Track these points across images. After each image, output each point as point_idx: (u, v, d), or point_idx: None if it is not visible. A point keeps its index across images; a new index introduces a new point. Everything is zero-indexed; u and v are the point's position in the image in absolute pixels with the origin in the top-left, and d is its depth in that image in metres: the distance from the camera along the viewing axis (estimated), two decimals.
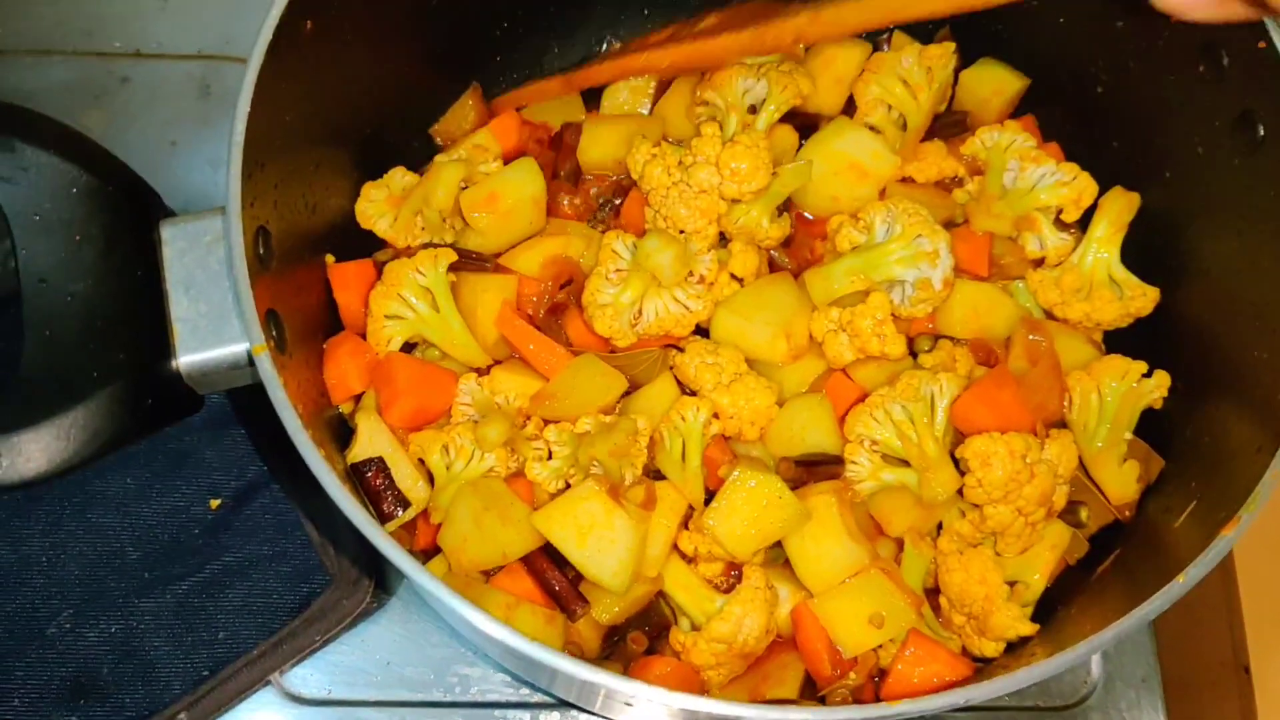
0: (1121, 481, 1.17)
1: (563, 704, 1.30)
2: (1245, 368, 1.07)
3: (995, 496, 1.10)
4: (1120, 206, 1.25)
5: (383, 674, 1.31)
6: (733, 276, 1.23)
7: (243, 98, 0.96)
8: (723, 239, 1.24)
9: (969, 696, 0.93)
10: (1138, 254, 1.26)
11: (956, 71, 1.36)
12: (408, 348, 1.19)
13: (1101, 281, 1.24)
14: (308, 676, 1.30)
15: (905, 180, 1.32)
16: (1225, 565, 1.42)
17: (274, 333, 0.95)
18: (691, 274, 1.18)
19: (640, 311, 1.18)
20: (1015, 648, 1.12)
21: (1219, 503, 0.99)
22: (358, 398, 1.15)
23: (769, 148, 1.21)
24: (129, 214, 0.94)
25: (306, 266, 1.17)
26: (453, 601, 0.85)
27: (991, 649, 1.12)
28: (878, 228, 1.22)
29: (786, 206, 1.27)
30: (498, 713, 1.31)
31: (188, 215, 0.97)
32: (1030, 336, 1.19)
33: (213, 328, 0.94)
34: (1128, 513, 1.18)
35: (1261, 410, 1.01)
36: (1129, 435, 1.19)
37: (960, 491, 1.12)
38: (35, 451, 0.84)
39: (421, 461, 1.12)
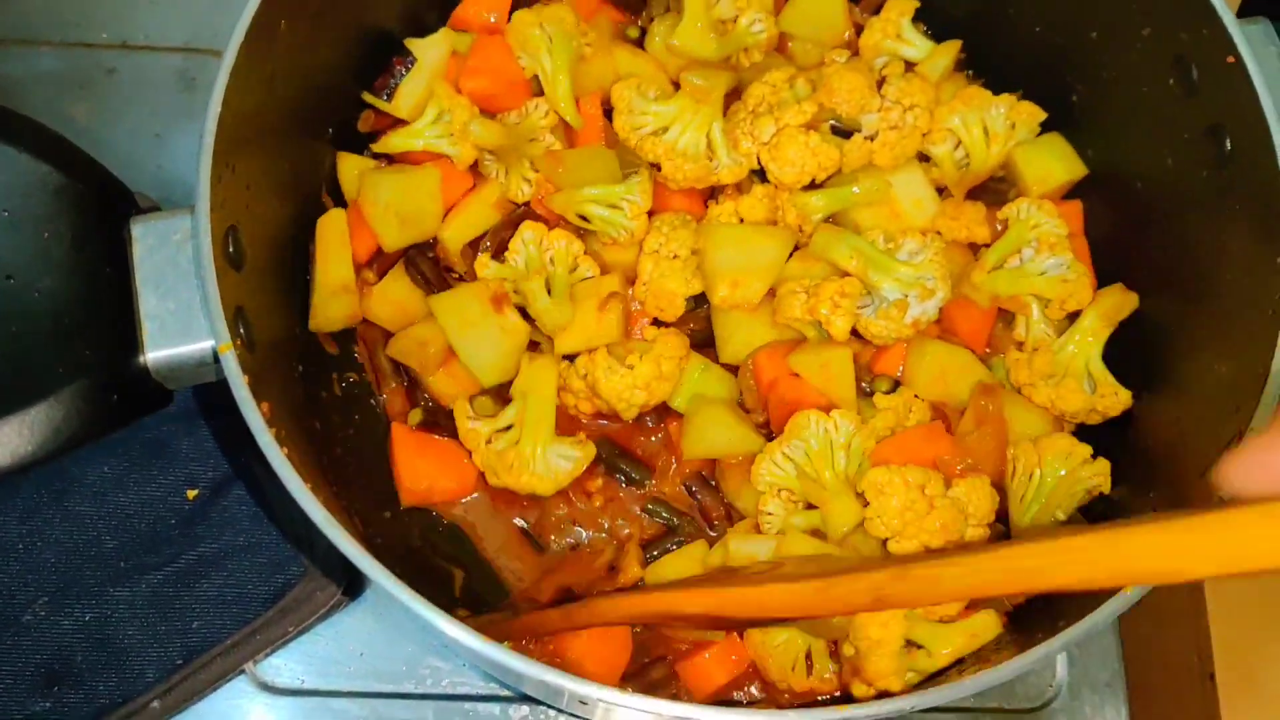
0: None
1: (531, 699, 1.32)
2: (1202, 378, 1.07)
3: (895, 528, 1.10)
4: (1114, 303, 1.24)
5: (356, 665, 1.33)
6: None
7: (214, 98, 0.97)
8: None
9: (933, 699, 0.94)
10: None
11: None
12: None
13: (1076, 373, 1.22)
14: (281, 666, 1.31)
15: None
16: None
17: (242, 330, 0.96)
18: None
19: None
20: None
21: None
22: None
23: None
24: (99, 211, 0.95)
25: (279, 265, 1.18)
26: (416, 606, 0.86)
27: (859, 690, 1.11)
28: (906, 246, 1.24)
29: None
30: (468, 705, 1.32)
31: (157, 214, 0.98)
32: (981, 400, 1.20)
33: (181, 325, 0.95)
34: None
35: (1217, 424, 1.02)
36: (1061, 516, 1.17)
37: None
38: (1, 445, 0.85)
39: None
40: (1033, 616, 1.13)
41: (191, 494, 1.32)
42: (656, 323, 1.27)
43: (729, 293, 1.21)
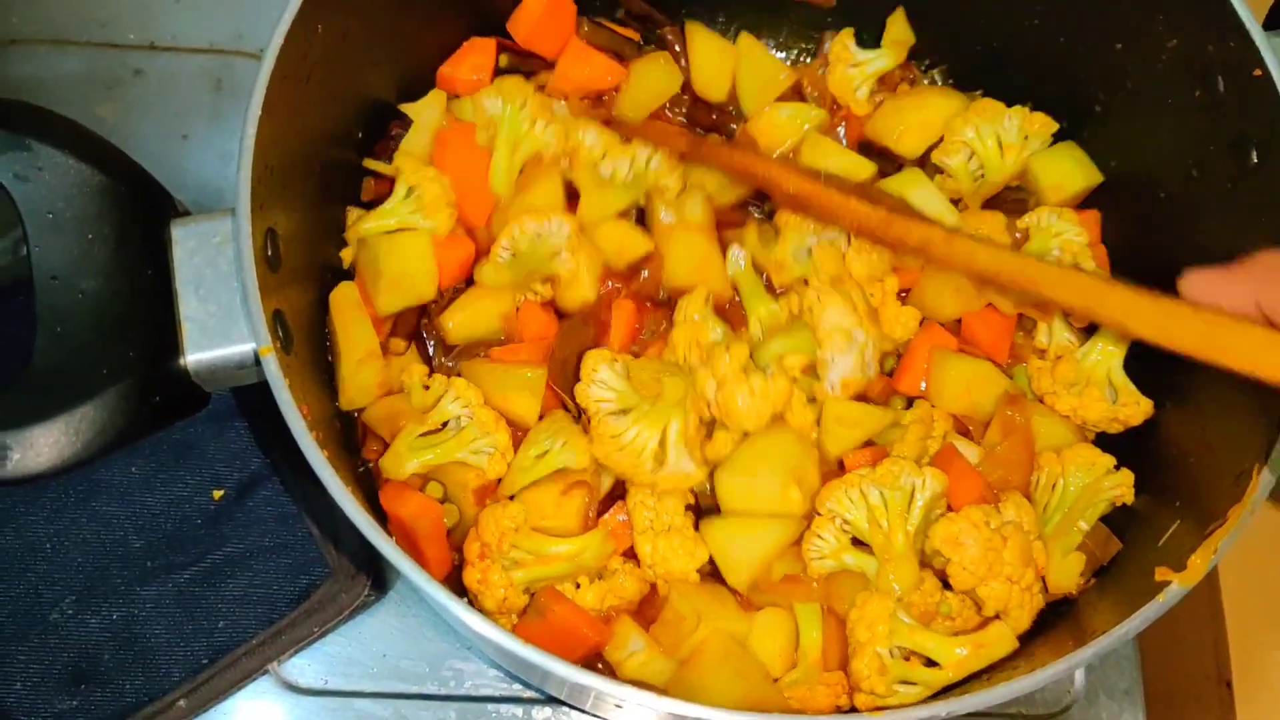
0: (1063, 572, 1.16)
1: (555, 700, 1.32)
2: (1229, 394, 1.08)
3: (981, 573, 1.10)
4: None
5: (379, 666, 1.33)
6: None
7: (254, 100, 0.98)
8: None
9: (948, 709, 0.94)
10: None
11: None
12: None
13: (1098, 381, 1.23)
14: (305, 666, 1.32)
15: None
16: (1210, 581, 1.43)
17: (280, 334, 0.97)
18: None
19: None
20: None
21: (1199, 524, 1.00)
22: None
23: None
24: (140, 213, 0.96)
25: (314, 267, 1.19)
26: (447, 601, 0.87)
27: (859, 700, 1.10)
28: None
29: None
30: (490, 707, 1.33)
31: (198, 216, 0.99)
32: (1008, 411, 1.21)
33: (221, 327, 0.96)
34: (1075, 591, 1.17)
35: (1244, 434, 1.03)
36: (1084, 526, 1.18)
37: (948, 584, 1.14)
38: (45, 446, 0.86)
39: None
40: (1049, 634, 1.14)
41: (218, 495, 1.33)
42: None
43: (800, 490, 1.16)
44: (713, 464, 1.21)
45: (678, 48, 1.44)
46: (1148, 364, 1.23)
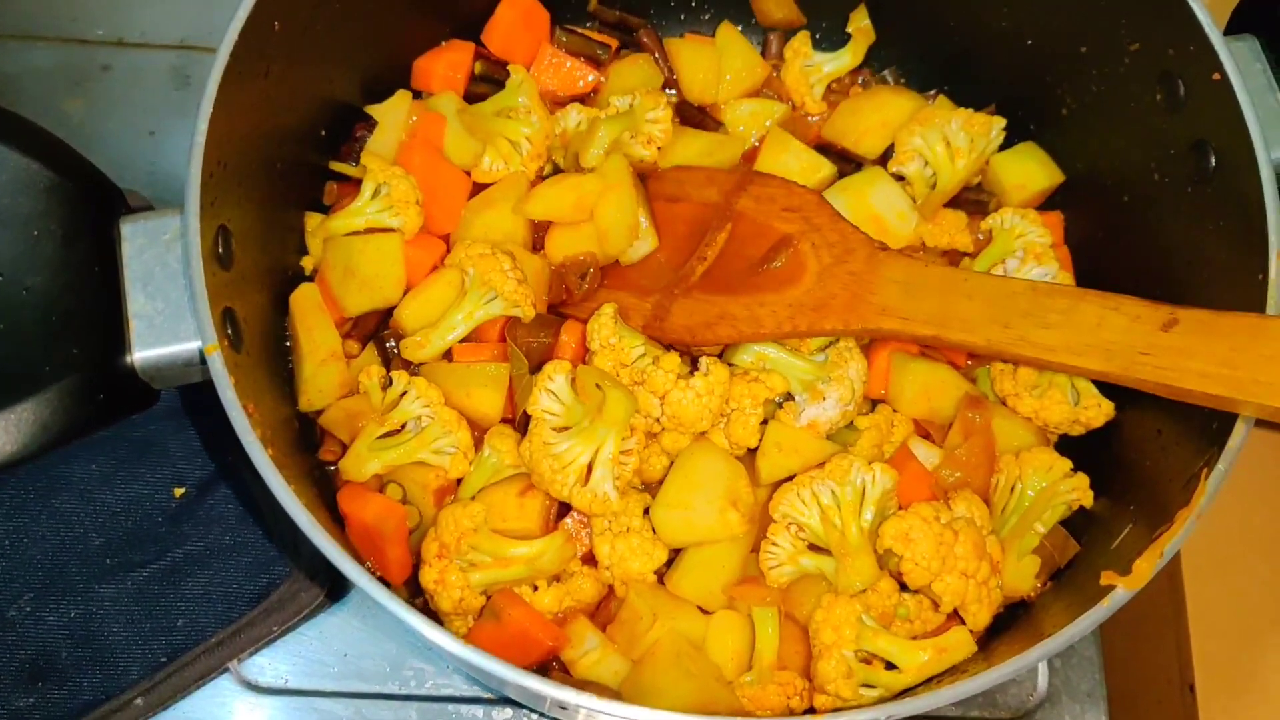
0: (1018, 575, 1.16)
1: (515, 701, 1.32)
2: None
3: (935, 569, 1.10)
4: None
5: (340, 665, 1.33)
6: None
7: (206, 94, 0.98)
8: None
9: (905, 709, 0.94)
10: None
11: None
12: None
13: (1060, 384, 1.23)
14: (265, 665, 1.32)
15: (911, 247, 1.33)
16: (1173, 583, 1.43)
17: (229, 331, 0.96)
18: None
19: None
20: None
21: (1150, 528, 1.00)
22: None
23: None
24: (89, 210, 0.95)
25: (270, 270, 1.18)
26: (401, 612, 0.87)
27: (819, 700, 1.10)
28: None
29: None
30: (451, 707, 1.33)
31: (147, 213, 0.98)
32: (968, 413, 1.21)
33: (169, 325, 0.95)
34: (1033, 593, 1.17)
35: (1195, 436, 1.03)
36: (1041, 529, 1.18)
37: (905, 587, 1.13)
38: None
39: None
40: (1007, 636, 1.14)
41: (179, 492, 1.33)
42: None
43: (738, 510, 1.15)
44: (646, 483, 1.21)
45: (656, 54, 1.44)
46: None
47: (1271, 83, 1.10)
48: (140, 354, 0.94)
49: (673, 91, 1.46)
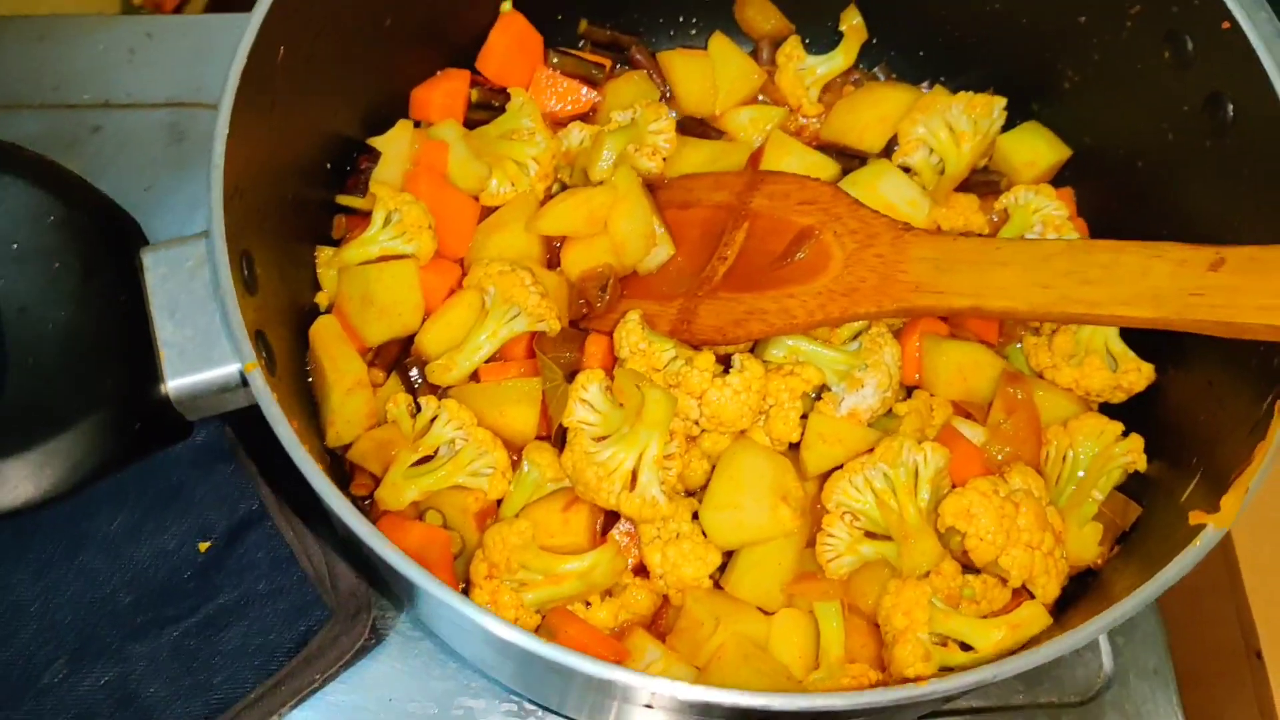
0: (1081, 543, 1.14)
1: None
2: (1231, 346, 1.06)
3: (1000, 542, 1.07)
4: None
5: (385, 711, 1.28)
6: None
7: (220, 119, 0.96)
8: None
9: (979, 679, 0.90)
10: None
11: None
12: None
13: (1096, 350, 1.22)
14: (308, 719, 1.27)
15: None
16: (1225, 551, 1.41)
17: (264, 354, 0.94)
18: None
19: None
20: None
21: (1221, 475, 0.98)
22: None
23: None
24: (108, 242, 0.93)
25: (287, 305, 1.16)
26: (465, 609, 0.83)
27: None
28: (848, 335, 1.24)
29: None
30: None
31: (169, 241, 0.96)
32: (1009, 389, 1.19)
33: (200, 351, 0.92)
34: (1099, 560, 1.15)
35: (1254, 380, 1.01)
36: (1099, 495, 1.16)
37: (966, 567, 1.11)
38: (21, 479, 0.82)
39: None
40: (1079, 607, 1.11)
41: (204, 546, 1.28)
42: None
43: (789, 506, 1.13)
44: (688, 490, 1.19)
45: (650, 70, 1.45)
46: (1143, 330, 1.21)
47: (1279, 29, 1.10)
48: (174, 383, 0.91)
49: (673, 114, 1.44)
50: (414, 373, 1.24)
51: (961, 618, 1.09)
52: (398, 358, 1.24)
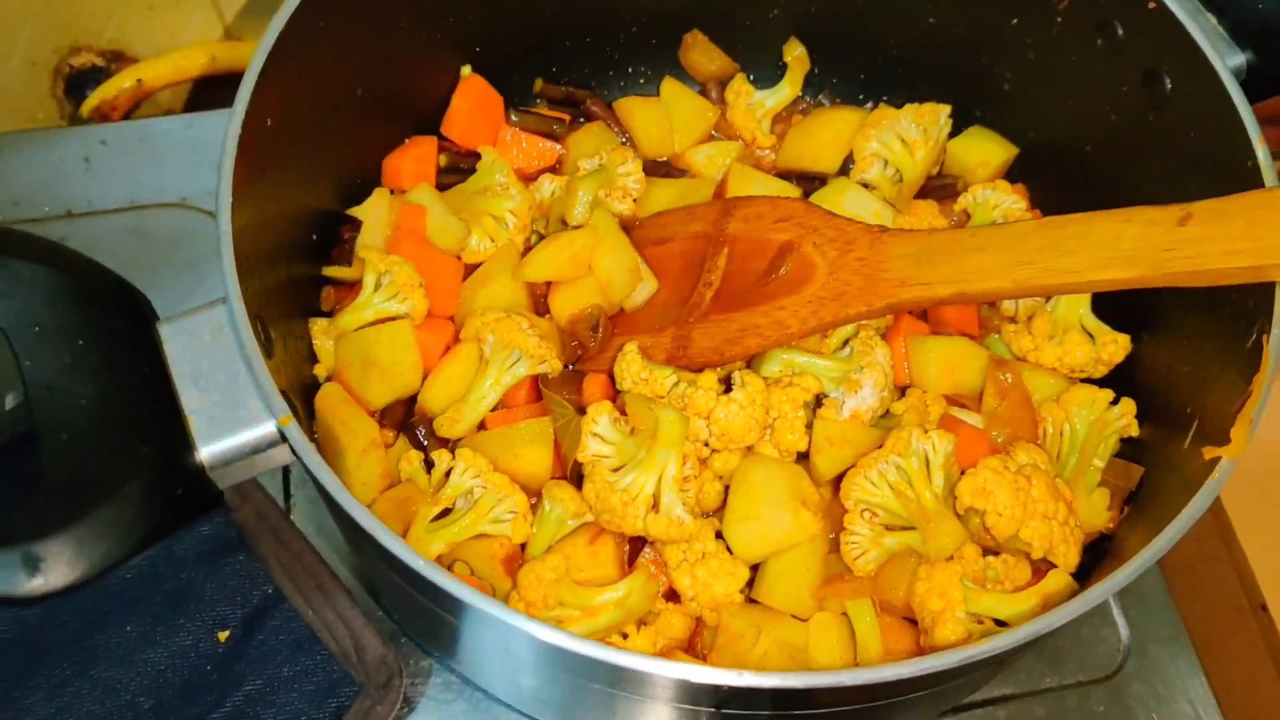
0: (1091, 510, 1.18)
1: None
2: (1203, 298, 1.11)
3: (1018, 515, 1.10)
4: None
5: None
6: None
7: (222, 188, 0.97)
8: None
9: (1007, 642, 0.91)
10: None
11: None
12: None
13: (1073, 327, 1.27)
14: None
15: None
16: (1215, 510, 1.46)
17: (294, 411, 0.94)
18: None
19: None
20: None
21: (1220, 416, 1.03)
22: None
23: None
24: (125, 316, 0.93)
25: (290, 374, 1.16)
26: (525, 624, 0.83)
27: None
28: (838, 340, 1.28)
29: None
30: None
31: (184, 313, 0.96)
32: (998, 374, 1.24)
33: (228, 415, 0.92)
34: (1110, 524, 1.19)
35: (1233, 325, 1.06)
36: (1099, 463, 1.21)
37: (994, 550, 1.14)
38: (71, 555, 0.81)
39: None
40: (1103, 567, 1.14)
41: (223, 636, 1.26)
42: None
43: (810, 510, 1.15)
44: (705, 512, 1.21)
45: (608, 120, 1.50)
46: (1113, 303, 1.27)
47: (1199, 6, 1.18)
48: (206, 449, 0.91)
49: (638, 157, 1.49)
50: (421, 430, 1.24)
51: (993, 595, 1.11)
52: (404, 418, 1.24)
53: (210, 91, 1.82)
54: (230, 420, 0.92)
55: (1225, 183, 1.09)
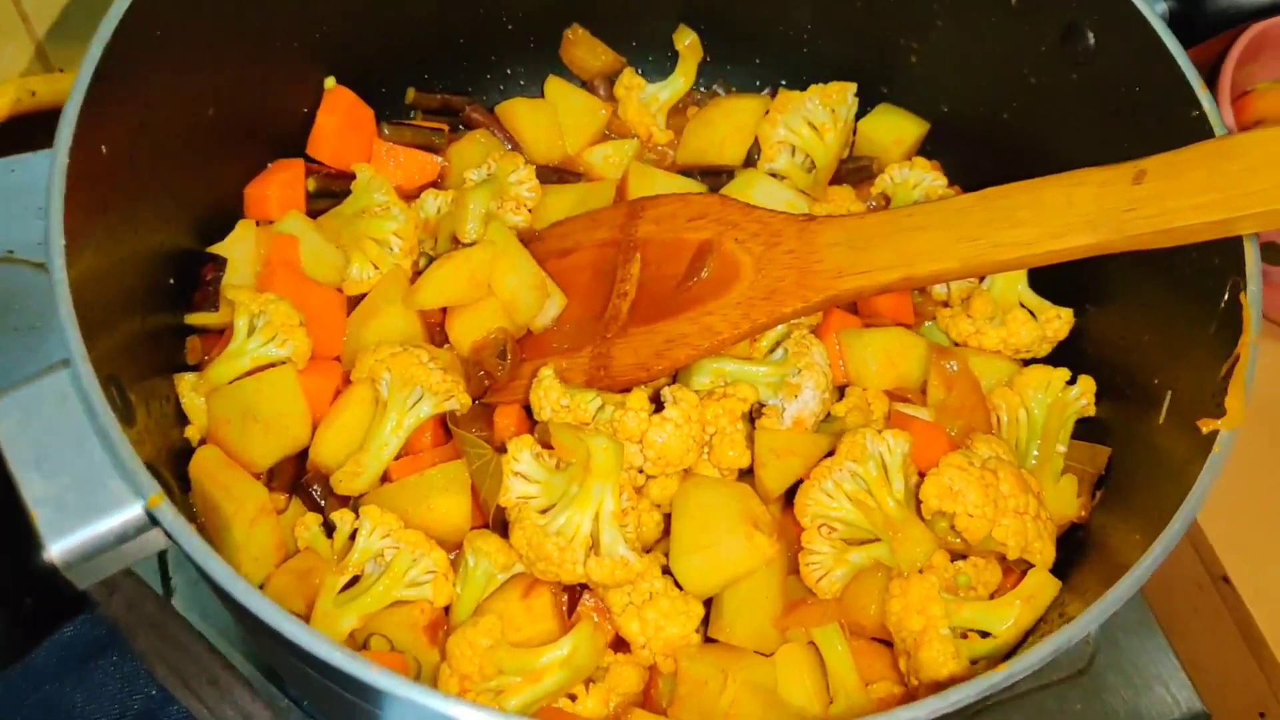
0: (1060, 499, 1.10)
1: None
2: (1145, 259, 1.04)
3: (990, 514, 1.01)
4: None
5: None
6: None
7: (52, 228, 0.81)
8: None
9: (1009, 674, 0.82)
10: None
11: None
12: None
13: (1013, 305, 1.20)
14: None
15: None
16: None
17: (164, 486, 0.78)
18: None
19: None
20: None
21: (1198, 384, 0.96)
22: None
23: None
24: None
25: (156, 434, 1.00)
26: (451, 709, 0.70)
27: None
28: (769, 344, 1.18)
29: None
30: None
31: (19, 383, 0.80)
32: (942, 362, 1.15)
33: (83, 501, 0.76)
34: (1083, 512, 1.11)
35: (1197, 281, 1.00)
36: (1063, 448, 1.13)
37: (961, 554, 1.05)
38: None
39: None
40: (1080, 568, 1.06)
41: None
42: None
43: (762, 530, 1.04)
44: (646, 545, 1.09)
45: (491, 126, 1.37)
46: (1049, 277, 1.19)
47: None
48: (58, 546, 0.75)
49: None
50: (316, 488, 1.09)
51: (973, 604, 1.02)
52: (295, 477, 1.09)
53: (33, 131, 1.62)
54: (86, 507, 0.76)
55: (1167, 137, 1.01)
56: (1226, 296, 0.93)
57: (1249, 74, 1.41)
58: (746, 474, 1.11)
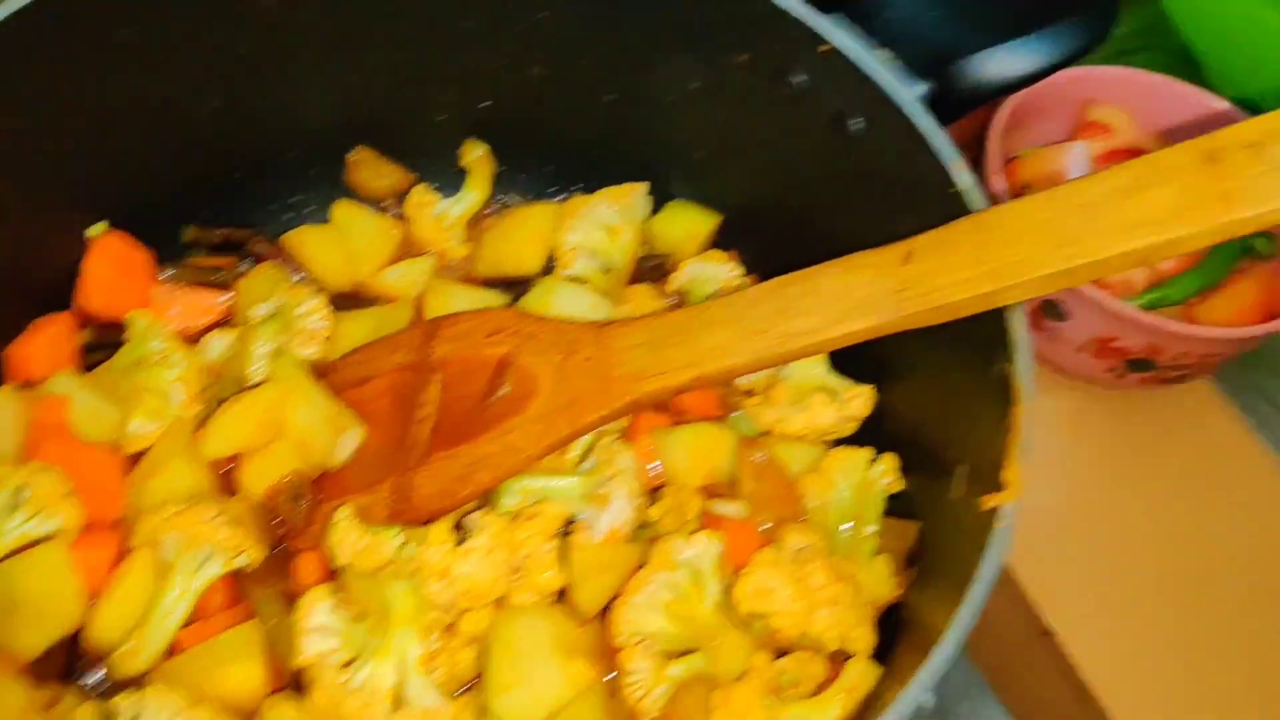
0: (876, 580, 1.09)
1: None
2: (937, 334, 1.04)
3: (804, 611, 1.01)
4: None
5: None
6: None
7: None
8: None
9: None
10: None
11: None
12: None
13: (814, 389, 1.20)
14: None
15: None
16: None
17: None
18: None
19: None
20: None
21: (983, 454, 0.96)
22: None
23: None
24: None
25: None
26: None
27: None
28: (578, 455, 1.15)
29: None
30: None
31: None
32: (748, 454, 1.15)
33: None
34: (899, 590, 1.11)
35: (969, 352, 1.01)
36: (874, 528, 1.13)
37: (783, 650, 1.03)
38: None
39: None
40: (901, 645, 1.05)
41: None
42: None
43: (587, 658, 1.02)
44: (461, 685, 1.03)
45: (278, 257, 1.33)
46: (849, 356, 1.20)
47: (869, 45, 1.14)
48: None
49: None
50: (92, 673, 1.00)
51: (796, 705, 1.00)
52: (68, 663, 1.00)
53: None
54: None
55: (936, 214, 1.04)
56: (994, 369, 0.95)
57: (1017, 139, 1.47)
58: (563, 595, 1.07)
